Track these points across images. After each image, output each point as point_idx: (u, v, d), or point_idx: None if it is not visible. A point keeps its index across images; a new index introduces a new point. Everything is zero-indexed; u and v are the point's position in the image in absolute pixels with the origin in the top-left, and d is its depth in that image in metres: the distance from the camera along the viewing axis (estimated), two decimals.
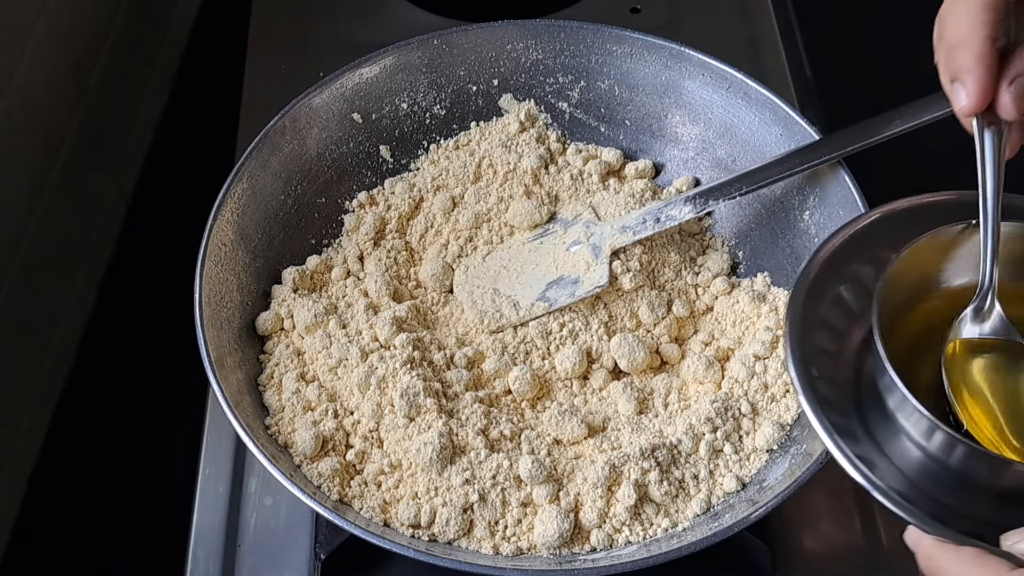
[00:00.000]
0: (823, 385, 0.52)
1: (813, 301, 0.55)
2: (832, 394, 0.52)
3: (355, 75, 0.76)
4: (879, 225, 0.58)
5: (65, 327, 0.89)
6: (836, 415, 0.51)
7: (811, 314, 0.55)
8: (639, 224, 0.72)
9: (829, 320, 0.55)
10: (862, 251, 0.56)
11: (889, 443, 0.51)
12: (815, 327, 0.54)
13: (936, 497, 0.49)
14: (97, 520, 0.80)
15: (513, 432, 0.65)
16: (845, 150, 0.68)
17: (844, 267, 0.56)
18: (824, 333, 0.54)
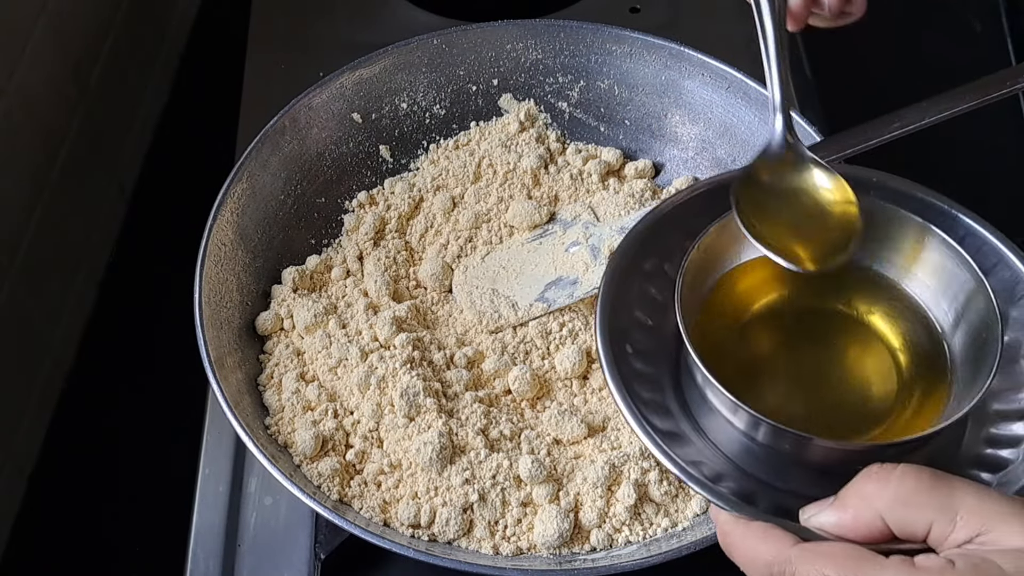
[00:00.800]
0: (639, 360, 0.52)
1: (633, 274, 0.55)
2: (648, 370, 0.52)
3: (355, 75, 0.76)
4: (702, 198, 0.58)
5: (65, 327, 0.89)
6: (650, 391, 0.51)
7: (630, 286, 0.54)
8: None
9: (649, 293, 0.54)
10: (685, 223, 0.56)
11: (704, 420, 0.51)
12: (635, 300, 0.54)
13: (755, 473, 0.49)
14: (97, 520, 0.80)
15: (513, 432, 0.65)
16: (844, 152, 0.68)
17: (666, 239, 0.56)
18: (644, 307, 0.54)
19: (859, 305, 0.54)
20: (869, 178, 0.59)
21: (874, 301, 0.54)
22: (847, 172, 0.58)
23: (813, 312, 0.55)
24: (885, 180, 0.60)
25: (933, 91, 0.67)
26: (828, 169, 0.58)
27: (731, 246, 0.54)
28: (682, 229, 0.55)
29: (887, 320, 0.54)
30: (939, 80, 0.69)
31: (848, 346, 0.54)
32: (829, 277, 0.54)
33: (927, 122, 0.66)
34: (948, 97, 0.66)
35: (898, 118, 0.67)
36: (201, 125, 1.00)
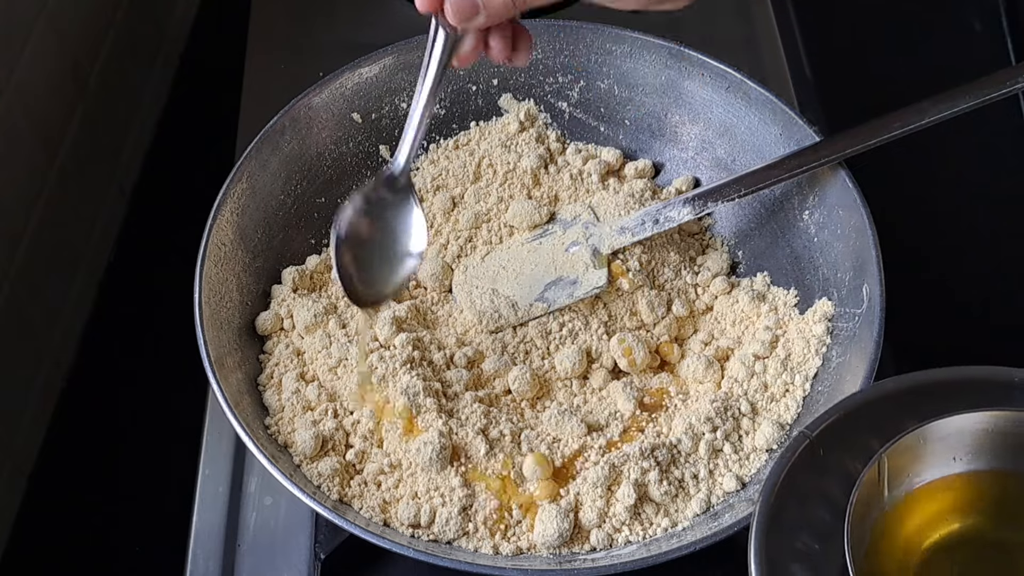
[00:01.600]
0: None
1: (777, 534, 0.48)
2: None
3: (355, 75, 0.76)
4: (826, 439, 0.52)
5: (65, 327, 0.89)
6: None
7: (779, 550, 0.48)
8: (638, 225, 0.72)
9: (800, 548, 0.48)
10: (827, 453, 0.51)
11: None
12: (787, 564, 0.48)
13: None
14: (97, 520, 0.80)
15: (513, 432, 0.65)
16: (844, 152, 0.68)
17: (799, 481, 0.50)
18: (799, 568, 0.48)
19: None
20: (1011, 378, 0.53)
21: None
22: (988, 376, 0.53)
23: (1003, 544, 0.50)
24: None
25: (933, 91, 0.67)
26: (421, 217, 0.60)
27: (886, 480, 0.49)
28: (847, 443, 0.50)
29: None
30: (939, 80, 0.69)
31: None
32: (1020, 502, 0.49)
33: (927, 122, 0.66)
34: (948, 97, 0.66)
35: (898, 118, 0.67)
36: (201, 125, 1.00)
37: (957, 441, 0.50)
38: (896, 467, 0.49)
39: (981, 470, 0.50)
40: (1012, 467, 0.50)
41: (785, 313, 0.70)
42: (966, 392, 0.52)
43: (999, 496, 0.50)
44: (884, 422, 0.50)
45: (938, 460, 0.50)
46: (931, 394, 0.52)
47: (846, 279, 0.68)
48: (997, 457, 0.50)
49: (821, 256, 0.71)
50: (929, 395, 0.52)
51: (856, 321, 0.66)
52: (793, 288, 0.72)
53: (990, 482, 0.50)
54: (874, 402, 0.52)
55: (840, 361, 0.66)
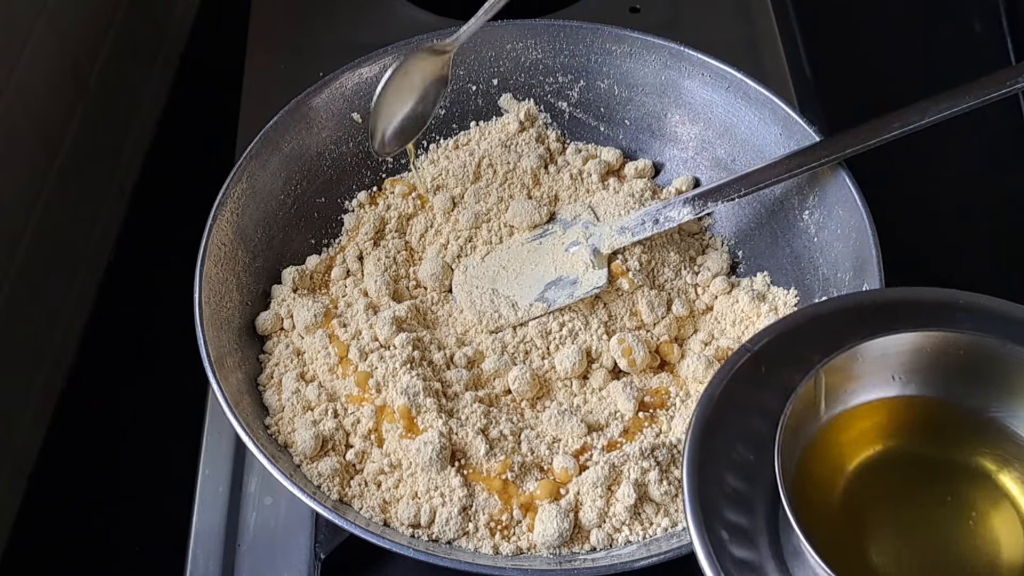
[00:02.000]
0: (738, 548, 0.47)
1: (714, 441, 0.49)
2: (748, 554, 0.47)
3: (355, 75, 0.76)
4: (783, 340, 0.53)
5: (65, 327, 0.89)
6: (742, 546, 0.47)
7: (713, 457, 0.49)
8: (638, 225, 0.72)
9: (735, 458, 0.49)
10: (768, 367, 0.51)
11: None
12: (721, 471, 0.49)
13: None
14: (97, 520, 0.80)
15: (513, 432, 0.65)
16: (844, 152, 0.68)
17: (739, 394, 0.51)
18: (732, 475, 0.49)
19: (987, 462, 0.49)
20: (955, 300, 0.54)
21: (1006, 459, 0.49)
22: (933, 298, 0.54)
23: (932, 464, 0.50)
24: (974, 301, 0.54)
25: (933, 91, 0.67)
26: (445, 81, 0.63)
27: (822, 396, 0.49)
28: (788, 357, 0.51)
29: (1020, 483, 0.48)
30: (939, 80, 0.69)
31: (971, 507, 0.48)
32: (955, 424, 0.50)
33: (927, 122, 0.66)
34: (948, 97, 0.66)
35: (898, 118, 0.67)
36: (201, 125, 1.00)
37: (895, 360, 0.50)
38: (834, 383, 0.49)
39: (917, 390, 0.50)
40: (945, 388, 0.50)
41: (785, 313, 0.70)
42: (910, 313, 0.53)
43: (930, 416, 0.50)
44: (826, 339, 0.50)
45: (876, 379, 0.50)
46: (875, 313, 0.53)
47: (846, 279, 0.68)
48: (933, 378, 0.50)
49: (821, 256, 0.71)
50: (873, 314, 0.52)
51: None
52: (793, 288, 0.72)
53: (923, 403, 0.50)
54: (817, 319, 0.53)
55: None
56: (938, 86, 0.67)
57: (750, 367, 0.51)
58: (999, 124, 0.88)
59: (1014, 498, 0.48)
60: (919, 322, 0.51)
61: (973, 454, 0.50)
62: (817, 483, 0.48)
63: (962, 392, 0.50)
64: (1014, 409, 0.49)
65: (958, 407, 0.50)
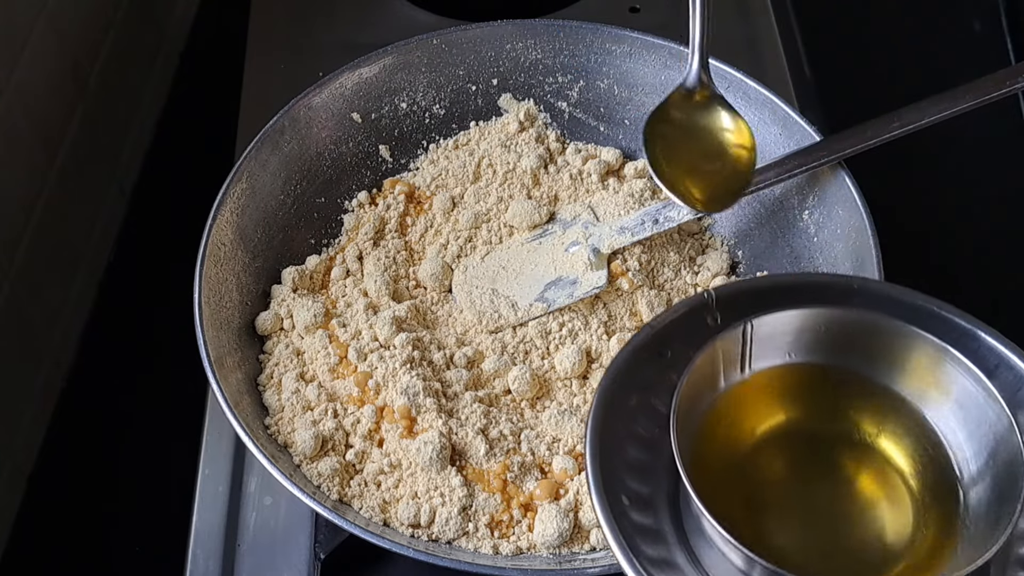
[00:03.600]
0: (638, 514, 0.49)
1: (617, 413, 0.51)
2: (649, 521, 0.49)
3: (355, 75, 0.76)
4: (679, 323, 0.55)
5: (65, 327, 0.89)
6: (655, 546, 0.48)
7: (615, 429, 0.50)
8: (638, 225, 0.72)
9: (637, 431, 0.51)
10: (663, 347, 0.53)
11: (702, 551, 0.48)
12: (623, 442, 0.50)
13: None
14: (97, 520, 0.80)
15: (513, 432, 0.65)
16: (844, 152, 0.68)
17: (642, 370, 0.53)
18: (634, 447, 0.50)
19: (867, 427, 0.51)
20: (849, 285, 0.57)
21: (882, 421, 0.51)
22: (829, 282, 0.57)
23: (818, 436, 0.52)
24: (865, 285, 0.57)
25: (933, 91, 0.67)
26: (733, 112, 0.58)
27: (720, 370, 0.51)
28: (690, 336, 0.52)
29: (895, 441, 0.51)
30: (939, 80, 0.69)
31: (857, 475, 0.51)
32: (834, 396, 0.52)
33: (927, 122, 0.66)
34: (948, 97, 0.67)
35: (898, 118, 0.67)
36: (201, 125, 1.00)
37: (789, 337, 0.52)
38: (730, 357, 0.51)
39: (801, 363, 0.52)
40: (834, 362, 0.52)
41: None
42: (808, 294, 0.55)
43: (813, 390, 0.52)
44: (727, 317, 0.52)
45: (771, 354, 0.52)
46: (775, 295, 0.55)
47: None
48: (824, 353, 0.52)
49: (821, 256, 0.71)
50: (773, 295, 0.54)
51: None
52: None
53: (813, 376, 0.52)
54: (720, 299, 0.55)
55: None
56: (938, 86, 0.67)
57: (653, 345, 0.53)
58: (999, 124, 0.88)
59: (892, 458, 0.51)
60: (814, 301, 0.53)
61: (852, 423, 0.52)
62: (714, 457, 0.50)
63: (849, 361, 0.52)
64: (896, 375, 0.51)
65: (844, 372, 0.52)
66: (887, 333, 0.51)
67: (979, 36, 0.96)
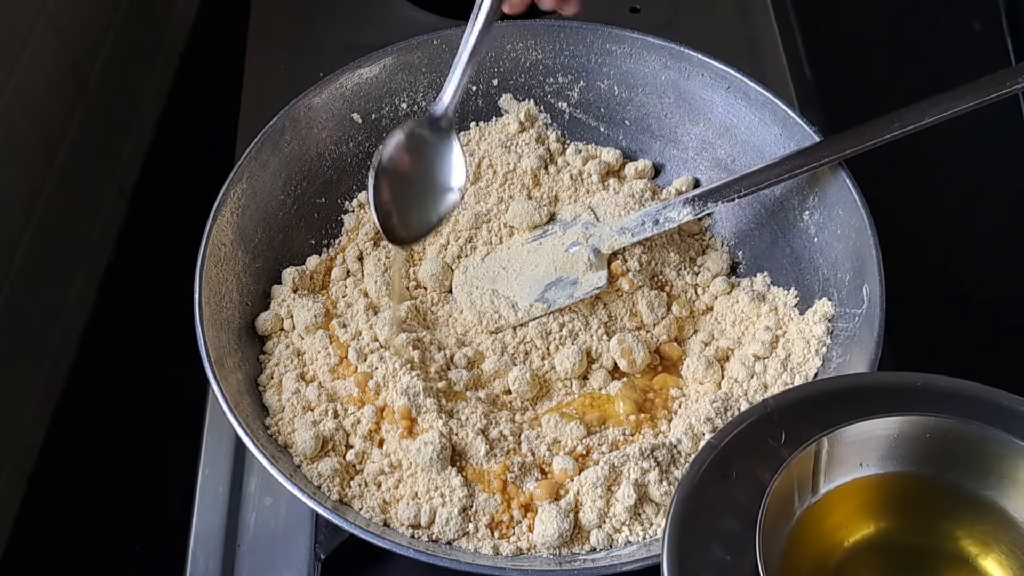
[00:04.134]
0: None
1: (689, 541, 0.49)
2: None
3: (355, 75, 0.76)
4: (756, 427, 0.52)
5: (65, 327, 0.89)
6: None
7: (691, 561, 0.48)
8: (638, 226, 0.72)
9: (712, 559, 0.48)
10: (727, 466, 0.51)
11: None
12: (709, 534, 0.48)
13: None
14: (97, 520, 0.80)
15: (513, 432, 0.65)
16: (844, 153, 0.68)
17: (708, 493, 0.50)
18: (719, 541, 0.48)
19: (969, 545, 0.49)
20: (913, 383, 0.54)
21: (989, 542, 0.49)
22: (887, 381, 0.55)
23: (916, 551, 0.50)
24: (932, 382, 0.53)
25: (933, 91, 0.67)
26: (461, 155, 0.61)
27: (795, 488, 0.49)
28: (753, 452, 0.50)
29: (1004, 567, 0.48)
30: (939, 80, 0.69)
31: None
32: (934, 508, 0.50)
33: (927, 122, 0.66)
34: (948, 97, 0.66)
35: (898, 118, 0.67)
36: (201, 125, 1.00)
37: (863, 447, 0.50)
38: (805, 474, 0.49)
39: (888, 474, 0.50)
40: (917, 471, 0.50)
41: (785, 313, 0.70)
42: (871, 398, 0.53)
43: (906, 501, 0.50)
44: (791, 429, 0.50)
45: (846, 467, 0.50)
46: (837, 400, 0.53)
47: (846, 279, 0.68)
48: (903, 462, 0.50)
49: (821, 256, 0.71)
50: (835, 401, 0.53)
51: (856, 321, 0.66)
52: (793, 288, 0.72)
53: (898, 487, 0.50)
54: (780, 410, 0.53)
55: (840, 361, 0.66)
56: (938, 86, 0.67)
57: (719, 463, 0.51)
58: (999, 124, 0.88)
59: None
60: (880, 407, 0.51)
61: (954, 537, 0.49)
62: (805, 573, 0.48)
63: (936, 471, 0.50)
64: (989, 488, 0.49)
65: (935, 483, 0.50)
66: (972, 440, 0.49)
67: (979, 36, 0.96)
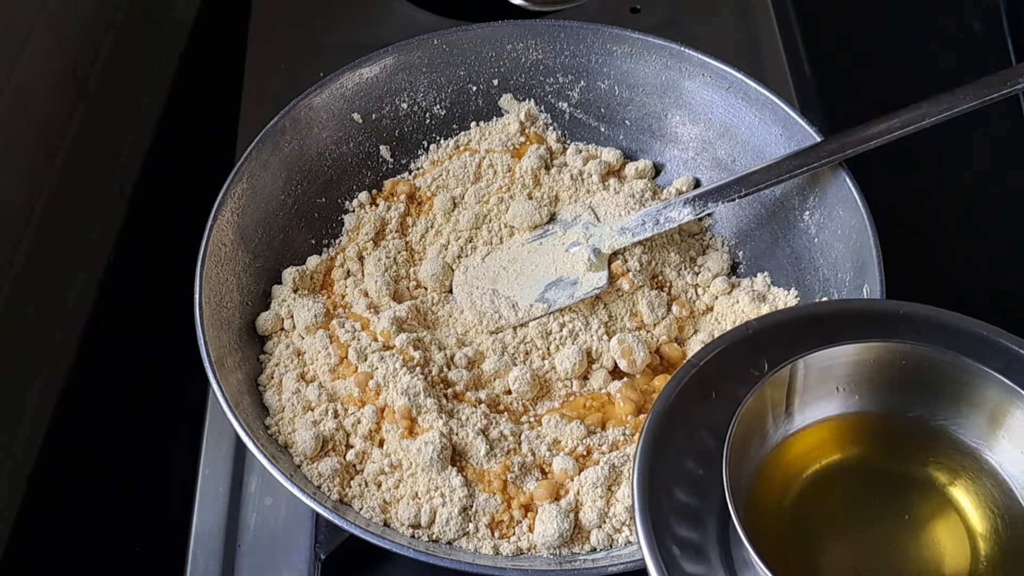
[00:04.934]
0: (688, 561, 0.47)
1: (662, 455, 0.49)
2: (700, 570, 0.47)
3: (355, 75, 0.76)
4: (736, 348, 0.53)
5: (65, 327, 0.89)
6: (694, 560, 0.47)
7: (662, 471, 0.49)
8: (638, 226, 0.72)
9: (684, 472, 0.49)
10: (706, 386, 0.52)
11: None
12: (670, 485, 0.49)
13: None
14: (97, 520, 0.80)
15: (513, 432, 0.65)
16: (844, 153, 0.68)
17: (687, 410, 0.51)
18: (682, 490, 0.49)
19: (938, 473, 0.49)
20: (896, 311, 0.54)
21: (956, 471, 0.49)
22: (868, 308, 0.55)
23: (883, 477, 0.50)
24: (915, 311, 0.54)
25: (933, 91, 0.67)
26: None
27: (769, 410, 0.50)
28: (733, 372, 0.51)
29: (970, 494, 0.49)
30: (939, 80, 0.69)
31: (919, 519, 0.49)
32: (905, 436, 0.50)
33: (927, 122, 0.66)
34: (948, 97, 0.67)
35: (898, 118, 0.67)
36: (201, 125, 1.00)
37: (840, 371, 0.50)
38: (779, 395, 0.50)
39: (864, 402, 0.51)
40: (891, 400, 0.51)
41: None
42: (853, 324, 0.53)
43: (880, 429, 0.51)
44: (771, 353, 0.51)
45: (822, 391, 0.51)
46: (817, 326, 0.53)
47: (846, 279, 0.68)
48: (878, 388, 0.51)
49: (821, 256, 0.71)
50: (815, 327, 0.53)
51: None
52: (793, 288, 0.72)
53: (872, 415, 0.51)
54: (761, 333, 0.53)
55: None
56: (938, 86, 0.67)
57: (697, 382, 0.52)
58: (999, 124, 0.88)
59: (962, 510, 0.49)
60: (860, 333, 0.51)
61: (925, 465, 0.50)
62: (767, 497, 0.49)
63: (909, 403, 0.50)
64: (960, 417, 0.49)
65: (906, 418, 0.50)
66: (946, 369, 0.49)
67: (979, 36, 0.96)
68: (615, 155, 0.79)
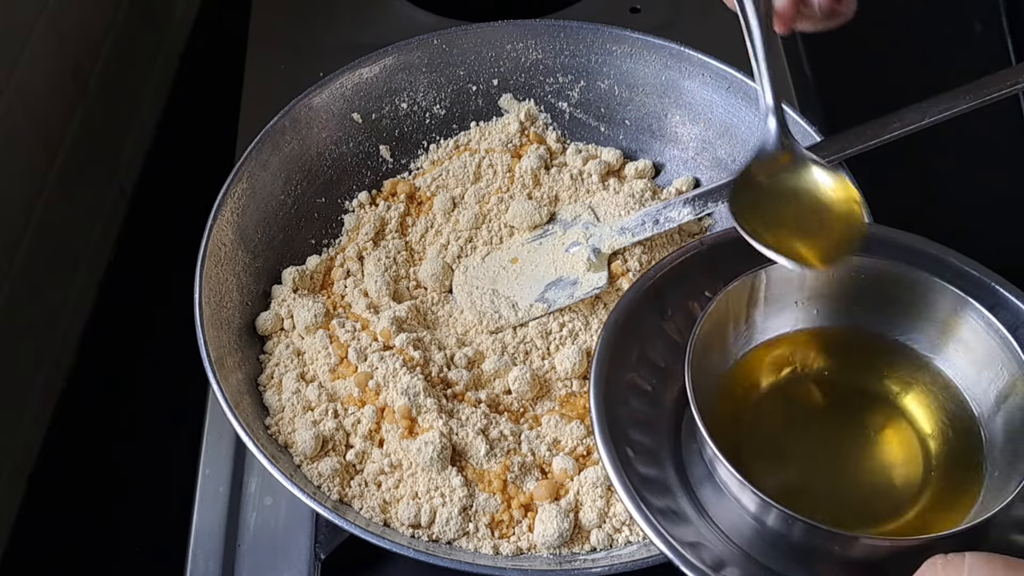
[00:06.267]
0: (643, 465, 0.48)
1: (633, 334, 0.50)
2: (654, 472, 0.48)
3: (355, 75, 0.76)
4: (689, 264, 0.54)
5: (65, 327, 0.89)
6: (662, 497, 0.48)
7: (630, 347, 0.50)
8: (638, 226, 0.72)
9: (651, 357, 0.51)
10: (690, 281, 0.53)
11: (708, 499, 0.48)
12: (635, 362, 0.50)
13: (763, 561, 0.46)
14: (97, 520, 0.80)
15: (513, 432, 0.65)
16: (844, 152, 0.68)
17: (642, 323, 0.52)
18: (645, 370, 0.50)
19: (892, 385, 0.51)
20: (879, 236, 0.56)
21: (909, 382, 0.51)
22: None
23: (840, 388, 0.52)
24: (877, 232, 0.56)
25: (933, 91, 0.67)
26: (829, 168, 0.55)
27: (744, 311, 0.51)
28: (687, 287, 0.52)
29: (921, 404, 0.51)
30: (939, 80, 0.69)
31: (874, 428, 0.50)
32: (861, 351, 0.51)
33: (927, 122, 0.66)
34: (948, 97, 0.67)
35: (898, 118, 0.67)
36: (201, 125, 1.00)
37: (798, 285, 0.51)
38: (739, 308, 0.50)
39: (822, 317, 0.52)
40: (849, 314, 0.52)
41: None
42: None
43: (838, 343, 0.52)
44: (727, 266, 0.51)
45: (781, 304, 0.51)
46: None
47: None
48: (836, 301, 0.52)
49: None
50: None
51: None
52: None
53: (830, 329, 0.52)
54: (717, 246, 0.54)
55: None
56: (938, 86, 0.67)
57: (652, 296, 0.53)
58: (999, 124, 0.88)
59: (913, 419, 0.50)
60: None
61: (881, 378, 0.51)
62: (725, 409, 0.49)
63: (865, 317, 0.52)
64: (914, 332, 0.51)
65: (863, 332, 0.52)
66: (902, 282, 0.50)
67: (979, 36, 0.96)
68: (615, 155, 0.79)
